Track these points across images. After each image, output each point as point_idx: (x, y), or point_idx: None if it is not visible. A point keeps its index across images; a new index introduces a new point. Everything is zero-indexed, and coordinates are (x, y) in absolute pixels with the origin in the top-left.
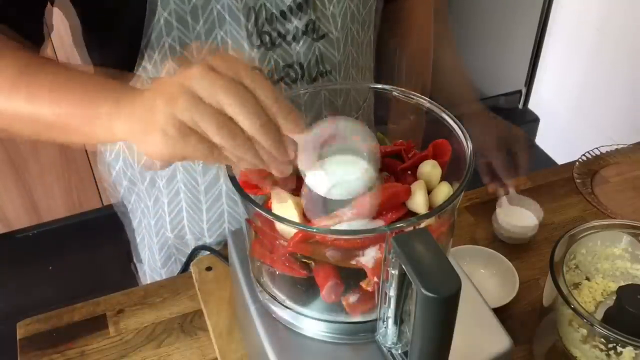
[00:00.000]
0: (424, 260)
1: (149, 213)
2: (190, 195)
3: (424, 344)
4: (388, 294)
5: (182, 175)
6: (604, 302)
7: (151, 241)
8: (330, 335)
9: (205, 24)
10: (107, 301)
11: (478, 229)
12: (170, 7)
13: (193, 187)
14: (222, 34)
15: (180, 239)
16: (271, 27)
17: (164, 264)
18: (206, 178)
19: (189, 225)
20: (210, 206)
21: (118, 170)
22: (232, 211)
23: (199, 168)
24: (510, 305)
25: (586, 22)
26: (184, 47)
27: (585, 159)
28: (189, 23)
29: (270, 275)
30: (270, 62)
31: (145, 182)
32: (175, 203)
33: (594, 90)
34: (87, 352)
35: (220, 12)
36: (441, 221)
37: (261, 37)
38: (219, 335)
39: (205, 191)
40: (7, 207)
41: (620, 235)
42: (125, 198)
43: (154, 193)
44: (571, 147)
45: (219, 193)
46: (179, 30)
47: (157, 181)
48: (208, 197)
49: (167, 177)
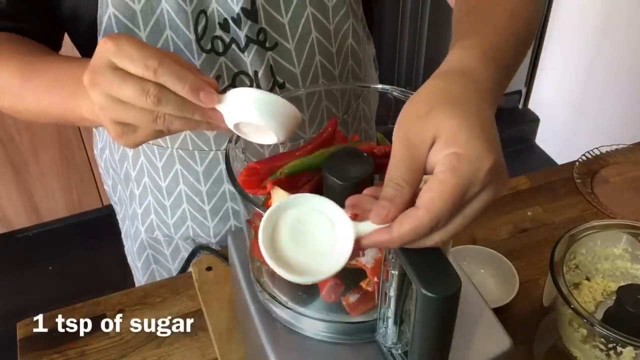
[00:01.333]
0: (424, 260)
1: (127, 203)
2: (157, 192)
3: (424, 344)
4: (388, 294)
5: (148, 172)
6: (604, 302)
7: (129, 231)
8: (330, 335)
9: (154, 24)
10: (107, 301)
11: (478, 229)
12: (118, 4)
13: (158, 185)
14: (172, 35)
15: (151, 234)
16: (224, 33)
17: (139, 257)
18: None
19: (156, 221)
20: (173, 204)
21: (105, 160)
22: (194, 210)
23: (160, 167)
24: (510, 305)
25: (586, 22)
26: None
27: (585, 159)
28: (138, 21)
29: (270, 276)
30: (222, 67)
31: (122, 173)
32: (145, 197)
33: (594, 90)
34: (87, 352)
35: (169, 12)
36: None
37: (212, 42)
38: (219, 335)
39: (167, 190)
40: (7, 207)
41: (620, 235)
42: (113, 188)
43: (129, 185)
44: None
45: (179, 193)
46: (127, 28)
47: (130, 173)
48: (170, 196)
49: (137, 171)
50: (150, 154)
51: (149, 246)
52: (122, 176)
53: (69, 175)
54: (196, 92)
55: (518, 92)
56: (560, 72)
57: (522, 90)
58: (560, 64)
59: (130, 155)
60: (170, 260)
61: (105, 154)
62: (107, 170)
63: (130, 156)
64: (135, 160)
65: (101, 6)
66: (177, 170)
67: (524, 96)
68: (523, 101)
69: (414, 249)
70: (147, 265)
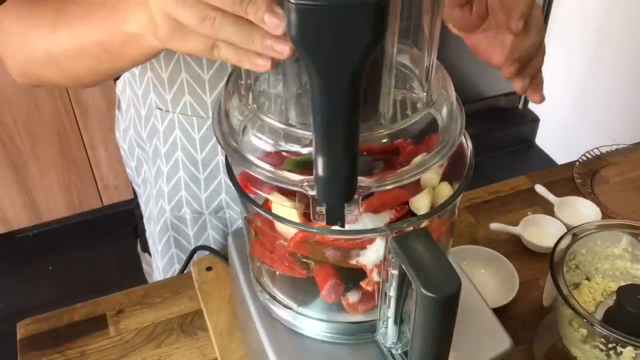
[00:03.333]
0: (424, 260)
1: (152, 183)
2: (191, 166)
3: (424, 344)
4: (388, 294)
5: (182, 146)
6: (604, 302)
7: (152, 213)
8: (330, 335)
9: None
10: (107, 301)
11: (478, 229)
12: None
13: (192, 158)
14: None
15: (177, 212)
16: None
17: (160, 239)
18: (205, 150)
19: (186, 197)
20: (207, 177)
21: (129, 140)
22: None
23: (198, 139)
24: (510, 306)
25: (586, 22)
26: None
27: (585, 159)
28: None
29: (270, 275)
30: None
31: (151, 149)
32: (174, 173)
33: (594, 90)
34: (87, 352)
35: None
36: (441, 221)
37: None
38: (219, 335)
39: (203, 163)
40: (7, 207)
41: (620, 235)
42: (137, 169)
43: (157, 162)
44: (571, 147)
45: (216, 165)
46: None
47: (159, 149)
48: (206, 169)
49: (168, 145)
50: (187, 126)
51: (172, 227)
52: (150, 154)
53: (69, 175)
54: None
55: None
56: (560, 72)
57: None
58: (560, 64)
59: (161, 130)
60: (192, 241)
61: (129, 134)
62: (131, 150)
63: (161, 131)
64: (167, 134)
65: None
66: (177, 139)
67: (524, 96)
68: (523, 101)
69: (414, 249)
70: (167, 249)
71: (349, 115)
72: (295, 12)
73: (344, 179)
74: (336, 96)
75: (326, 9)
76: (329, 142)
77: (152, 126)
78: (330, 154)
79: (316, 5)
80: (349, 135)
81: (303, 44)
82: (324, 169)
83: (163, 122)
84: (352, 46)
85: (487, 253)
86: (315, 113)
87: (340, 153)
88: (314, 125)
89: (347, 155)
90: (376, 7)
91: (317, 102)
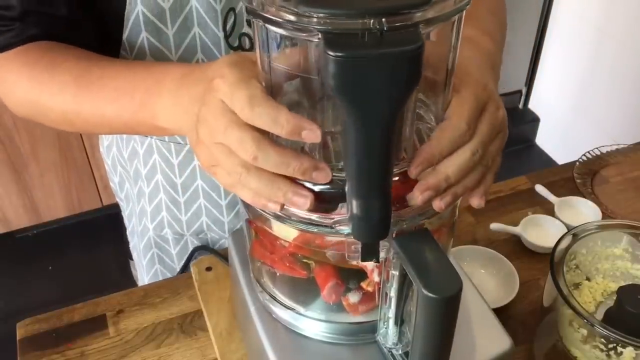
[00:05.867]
0: (425, 260)
1: (135, 202)
2: (170, 189)
3: (425, 345)
4: (389, 294)
5: (161, 170)
6: (604, 303)
7: (137, 229)
8: (331, 335)
9: (182, 22)
10: (107, 301)
11: (478, 229)
12: (148, 2)
13: (172, 182)
14: (199, 32)
15: (159, 231)
16: (251, 29)
17: (145, 255)
18: (184, 175)
19: (167, 218)
20: (187, 200)
21: (113, 155)
22: (211, 207)
23: (176, 164)
24: (510, 306)
25: (586, 21)
26: (161, 43)
27: (585, 159)
28: (167, 19)
29: (271, 276)
30: None
31: (132, 170)
32: (155, 195)
33: (594, 90)
34: (87, 352)
35: (198, 11)
36: (441, 221)
37: (240, 39)
38: (219, 336)
39: (182, 186)
40: (7, 207)
41: (620, 235)
42: (120, 185)
43: (138, 183)
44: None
45: (195, 189)
46: (155, 26)
47: (140, 171)
48: (185, 193)
49: (148, 168)
50: (165, 152)
51: (155, 244)
52: (132, 173)
53: (68, 175)
54: (297, 131)
55: (518, 92)
56: (560, 72)
57: (522, 90)
58: (560, 64)
59: (141, 153)
60: (176, 260)
61: (112, 151)
62: (114, 167)
63: (141, 154)
64: (146, 158)
65: (130, 3)
66: (195, 166)
67: (524, 96)
68: (523, 101)
69: (414, 250)
70: (151, 265)
71: (385, 157)
72: (334, 63)
73: (380, 218)
74: (374, 140)
75: (365, 59)
76: (366, 183)
77: (132, 148)
78: (367, 195)
79: (355, 57)
80: (385, 176)
81: (342, 93)
82: (360, 209)
83: (142, 146)
84: (390, 92)
85: (487, 253)
86: (351, 157)
87: (377, 193)
88: (349, 168)
89: (383, 195)
90: (414, 55)
91: (353, 147)
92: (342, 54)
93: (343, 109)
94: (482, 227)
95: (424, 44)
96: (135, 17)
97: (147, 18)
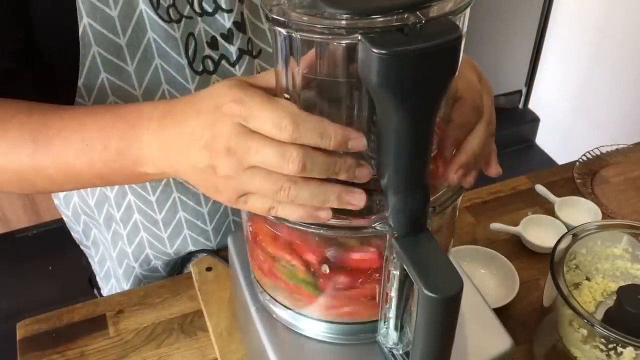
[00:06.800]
0: (426, 260)
1: (109, 246)
2: (151, 226)
3: (426, 345)
4: (389, 294)
5: (138, 209)
6: (604, 302)
7: (117, 272)
8: (331, 335)
9: (142, 56)
10: (107, 301)
11: (478, 229)
12: (102, 41)
13: (152, 219)
14: (161, 63)
15: (147, 266)
16: (212, 51)
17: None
18: (163, 210)
19: (153, 253)
20: (171, 235)
21: (74, 205)
22: (196, 235)
23: (154, 201)
24: (510, 306)
25: (586, 22)
26: (122, 80)
27: (585, 159)
28: (125, 56)
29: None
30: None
31: (102, 216)
32: (135, 234)
33: (594, 90)
34: (87, 352)
35: (156, 41)
36: (442, 221)
37: (203, 63)
38: (219, 336)
39: (163, 222)
40: (7, 207)
41: (620, 235)
42: (85, 233)
43: (112, 226)
44: (571, 147)
45: (178, 221)
46: (113, 64)
47: (113, 215)
48: (168, 227)
49: (123, 210)
50: (140, 190)
51: (144, 277)
52: (102, 220)
53: None
54: (345, 141)
55: (518, 92)
56: (560, 72)
57: (522, 90)
58: (560, 64)
59: (111, 197)
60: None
61: (72, 202)
62: (76, 217)
63: (112, 197)
64: (119, 200)
65: (83, 46)
66: (175, 198)
67: (524, 96)
68: (523, 101)
69: (415, 250)
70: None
71: (428, 148)
72: (381, 61)
73: (420, 209)
74: (419, 133)
75: (410, 54)
76: (409, 177)
77: (100, 194)
78: (409, 188)
79: (401, 52)
80: (425, 168)
81: (389, 89)
82: (401, 203)
83: (112, 190)
84: (433, 83)
85: (487, 253)
86: (394, 152)
87: (418, 186)
88: (389, 163)
89: (423, 187)
90: (453, 46)
91: (396, 142)
92: (387, 51)
93: (387, 105)
94: (482, 227)
95: (462, 32)
96: (92, 59)
97: (104, 58)
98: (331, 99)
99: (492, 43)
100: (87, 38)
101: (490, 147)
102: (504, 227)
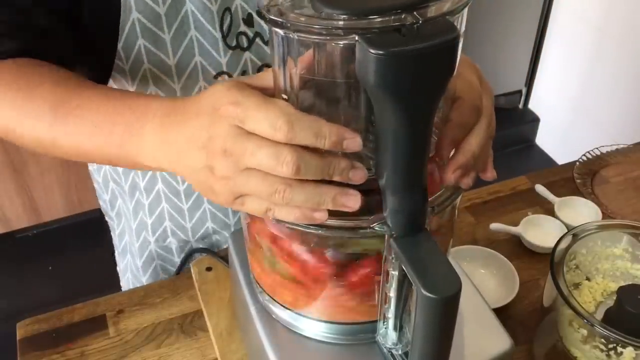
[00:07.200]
0: (424, 260)
1: (130, 217)
2: (173, 197)
3: (425, 345)
4: (388, 294)
5: (162, 178)
6: (604, 303)
7: (133, 246)
8: (331, 335)
9: (178, 26)
10: (107, 301)
11: (478, 229)
12: (143, 8)
13: (174, 190)
14: (197, 35)
15: (162, 242)
16: (248, 28)
17: (145, 270)
18: (186, 182)
19: (171, 227)
20: (191, 207)
21: (104, 171)
22: (215, 210)
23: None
24: (510, 306)
25: (586, 21)
26: (158, 48)
27: (585, 159)
28: (163, 25)
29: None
30: (247, 63)
31: (127, 184)
32: (157, 205)
33: (594, 90)
34: (87, 352)
35: (194, 13)
36: (441, 221)
37: (237, 39)
38: (219, 336)
39: (185, 193)
40: (7, 207)
41: (620, 235)
42: (112, 202)
43: (135, 195)
44: (571, 147)
45: (199, 194)
46: (151, 32)
47: (138, 183)
48: (189, 199)
49: (147, 179)
50: None
51: (158, 256)
52: (127, 188)
53: (68, 175)
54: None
55: (518, 92)
56: (560, 72)
57: (522, 90)
58: (560, 64)
59: None
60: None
61: (103, 168)
62: (105, 185)
63: None
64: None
65: (124, 11)
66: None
67: (524, 96)
68: (523, 101)
69: (413, 250)
70: (154, 277)
71: (425, 148)
72: (378, 61)
73: (418, 210)
74: (417, 133)
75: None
76: (407, 177)
77: None
78: (407, 188)
79: (398, 53)
80: (423, 168)
81: (386, 89)
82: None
83: None
84: (430, 83)
85: (487, 253)
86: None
87: (416, 186)
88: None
89: (421, 187)
90: (453, 44)
91: (394, 142)
92: (384, 51)
93: (385, 105)
94: (482, 227)
95: (459, 32)
96: (131, 25)
97: (143, 25)
98: (329, 100)
99: (492, 43)
100: (128, 3)
101: (488, 149)
102: (503, 227)
